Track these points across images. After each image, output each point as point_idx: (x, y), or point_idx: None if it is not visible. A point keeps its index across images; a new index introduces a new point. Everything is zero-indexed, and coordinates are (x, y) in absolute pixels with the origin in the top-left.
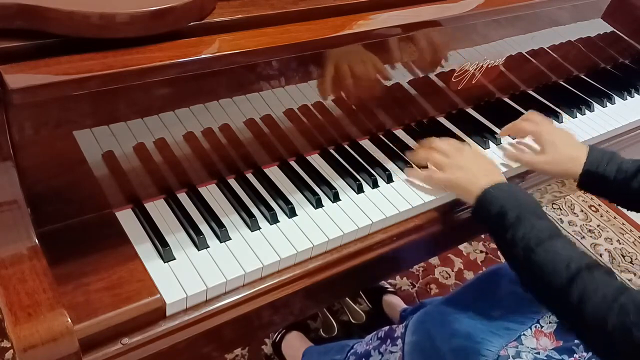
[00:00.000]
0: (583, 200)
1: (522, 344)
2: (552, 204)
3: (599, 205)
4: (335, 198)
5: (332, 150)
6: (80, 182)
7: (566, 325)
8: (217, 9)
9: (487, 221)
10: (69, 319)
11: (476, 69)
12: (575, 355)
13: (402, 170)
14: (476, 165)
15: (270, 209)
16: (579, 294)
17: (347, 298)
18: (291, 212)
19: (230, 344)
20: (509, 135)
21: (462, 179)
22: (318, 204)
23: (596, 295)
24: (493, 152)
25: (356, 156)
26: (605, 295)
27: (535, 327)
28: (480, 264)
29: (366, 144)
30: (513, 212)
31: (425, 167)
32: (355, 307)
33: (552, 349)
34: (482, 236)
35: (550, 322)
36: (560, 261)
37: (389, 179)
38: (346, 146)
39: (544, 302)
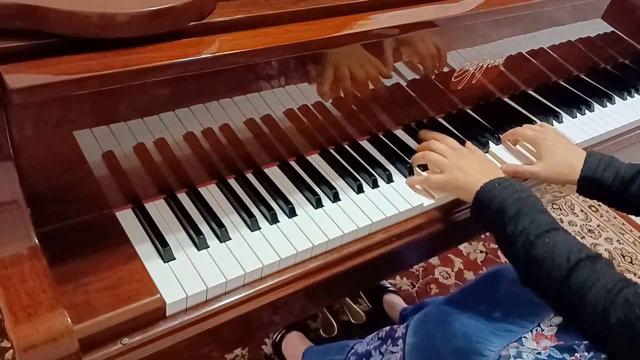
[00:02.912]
0: (583, 200)
1: (523, 345)
2: (552, 204)
3: (599, 205)
4: (335, 198)
5: (332, 150)
6: (80, 182)
7: (567, 320)
8: (217, 9)
9: (487, 218)
10: (69, 319)
11: (476, 69)
12: (576, 354)
13: (402, 171)
14: (474, 164)
15: (270, 209)
16: (579, 285)
17: (347, 298)
18: (291, 212)
19: (230, 344)
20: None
21: (461, 179)
22: (318, 204)
23: (597, 286)
24: (493, 152)
25: (356, 156)
26: (607, 286)
27: (536, 330)
28: (480, 264)
29: (366, 144)
30: (513, 206)
31: (425, 166)
32: (356, 307)
33: (553, 347)
34: (482, 236)
35: (551, 325)
36: (560, 253)
37: (389, 179)
38: (346, 146)
39: (544, 296)
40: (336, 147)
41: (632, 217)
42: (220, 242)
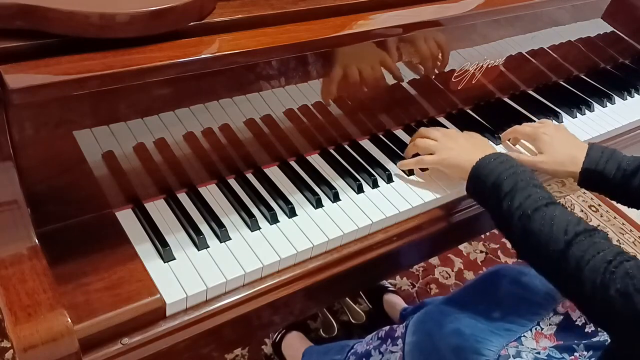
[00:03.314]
0: (583, 201)
1: (522, 345)
2: None
3: (599, 205)
4: (335, 198)
5: (332, 150)
6: (80, 182)
7: (565, 294)
8: (217, 9)
9: (482, 193)
10: (69, 319)
11: (476, 69)
12: (575, 353)
13: (402, 171)
14: (467, 143)
15: (270, 209)
16: (578, 258)
17: (347, 298)
18: (291, 212)
19: (230, 344)
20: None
21: (453, 157)
22: (318, 204)
23: (595, 259)
24: None
25: (356, 156)
26: (605, 257)
27: (536, 329)
28: (480, 264)
29: (366, 144)
30: (509, 181)
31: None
32: (355, 307)
33: (552, 347)
34: (482, 236)
35: (550, 324)
36: (557, 226)
37: (389, 179)
38: (346, 146)
39: (542, 270)
40: (336, 147)
41: (632, 217)
42: (220, 242)
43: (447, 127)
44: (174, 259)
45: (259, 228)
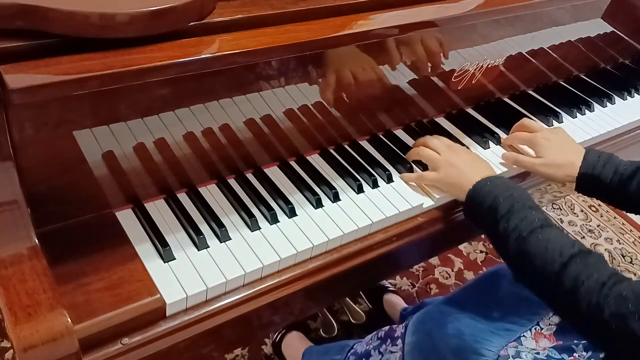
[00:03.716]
0: (583, 200)
1: (522, 345)
2: (552, 204)
3: (599, 205)
4: (335, 198)
5: (332, 150)
6: (80, 182)
7: (561, 316)
8: (217, 9)
9: (479, 215)
10: (69, 319)
11: (476, 69)
12: (574, 354)
13: (402, 171)
14: (468, 162)
15: (270, 209)
16: (573, 280)
17: (347, 298)
18: (291, 212)
19: (230, 344)
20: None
21: (454, 176)
22: (318, 204)
23: (590, 280)
24: (493, 152)
25: (356, 156)
26: (600, 280)
27: (535, 329)
28: (480, 264)
29: (366, 144)
30: (505, 204)
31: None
32: (355, 307)
33: (552, 347)
34: (482, 236)
35: (549, 324)
36: (552, 249)
37: (389, 179)
38: (346, 146)
39: (538, 292)
40: (336, 147)
41: (632, 216)
42: (220, 242)
43: (447, 128)
44: (174, 259)
45: (259, 228)
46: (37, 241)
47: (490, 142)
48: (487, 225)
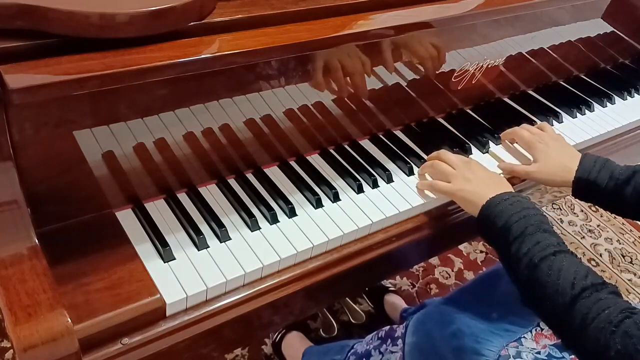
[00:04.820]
0: None
1: (523, 345)
2: (552, 204)
3: None
4: (335, 198)
5: (332, 150)
6: (80, 182)
7: (567, 347)
8: (217, 9)
9: (491, 233)
10: (69, 319)
11: (476, 69)
12: None
13: (402, 171)
14: (482, 177)
15: (270, 209)
16: (583, 315)
17: (347, 298)
18: (291, 212)
19: (230, 344)
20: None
21: (468, 190)
22: (318, 204)
23: (600, 317)
24: (493, 152)
25: (356, 156)
26: (608, 318)
27: (536, 330)
28: (480, 264)
29: (366, 144)
30: (518, 225)
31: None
32: (355, 307)
33: (552, 345)
34: None
35: None
36: (564, 279)
37: (389, 179)
38: (346, 146)
39: (545, 319)
40: (336, 147)
41: None
42: (220, 242)
43: (447, 128)
44: (174, 259)
45: (259, 228)
46: (37, 241)
47: (490, 142)
48: (498, 244)
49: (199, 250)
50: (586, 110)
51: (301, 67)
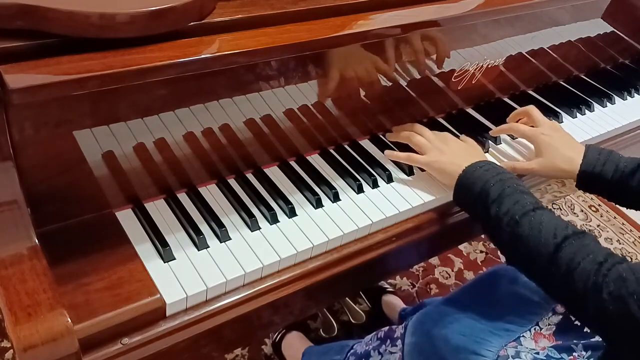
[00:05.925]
0: (583, 200)
1: (522, 345)
2: (552, 204)
3: (599, 205)
4: (335, 198)
5: (332, 150)
6: (80, 182)
7: (556, 299)
8: (217, 9)
9: (470, 201)
10: (69, 319)
11: (476, 69)
12: (574, 353)
13: (402, 171)
14: (457, 148)
15: (270, 209)
16: (568, 261)
17: (347, 298)
18: (291, 212)
19: (230, 344)
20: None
21: (443, 162)
22: (318, 204)
23: (585, 261)
24: (493, 151)
25: (356, 156)
26: (596, 259)
27: (535, 329)
28: (480, 264)
29: (366, 144)
30: (496, 188)
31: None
32: (355, 307)
33: (551, 347)
34: (482, 236)
35: (549, 325)
36: (546, 230)
37: (389, 179)
38: (346, 146)
39: (532, 275)
40: (336, 147)
41: (632, 216)
42: (220, 242)
43: (447, 129)
44: (174, 259)
45: (259, 228)
46: (37, 241)
47: (489, 142)
48: (478, 210)
49: (199, 250)
50: (586, 110)
51: (301, 67)
